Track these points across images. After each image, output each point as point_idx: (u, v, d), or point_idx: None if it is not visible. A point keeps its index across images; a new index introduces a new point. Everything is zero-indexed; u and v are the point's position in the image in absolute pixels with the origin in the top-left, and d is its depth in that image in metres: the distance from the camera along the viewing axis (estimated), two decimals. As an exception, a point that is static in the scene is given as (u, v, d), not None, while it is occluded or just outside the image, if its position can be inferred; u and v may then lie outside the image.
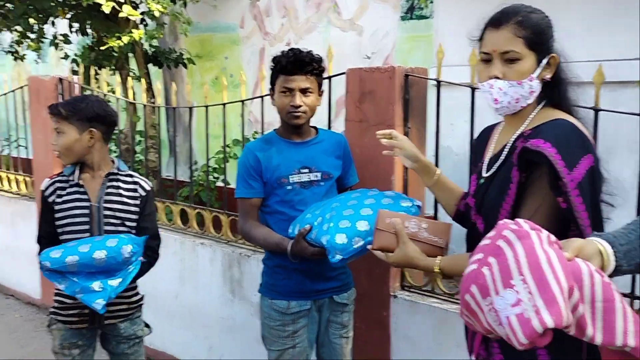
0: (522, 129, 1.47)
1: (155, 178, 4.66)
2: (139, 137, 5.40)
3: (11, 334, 4.09)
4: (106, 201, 2.22)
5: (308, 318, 2.20)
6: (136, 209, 2.26)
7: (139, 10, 4.68)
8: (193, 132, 3.81)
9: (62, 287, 2.11)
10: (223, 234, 3.29)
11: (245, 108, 3.14)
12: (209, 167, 3.84)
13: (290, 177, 2.15)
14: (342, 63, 2.94)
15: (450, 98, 2.65)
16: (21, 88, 4.63)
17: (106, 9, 4.22)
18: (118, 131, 4.28)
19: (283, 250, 2.05)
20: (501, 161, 1.49)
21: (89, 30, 5.00)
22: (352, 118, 2.55)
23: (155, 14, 4.45)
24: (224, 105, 3.22)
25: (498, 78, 1.43)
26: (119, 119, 2.44)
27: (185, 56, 5.44)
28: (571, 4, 3.75)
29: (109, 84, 4.33)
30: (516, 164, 1.40)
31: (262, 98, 2.98)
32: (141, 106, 4.57)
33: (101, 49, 4.73)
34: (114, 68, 5.01)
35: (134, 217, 2.25)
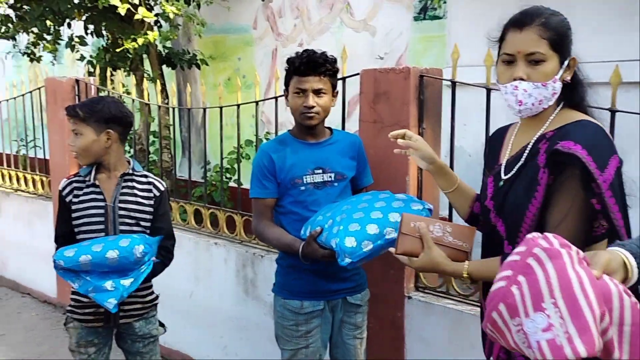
0: (542, 130, 1.47)
1: (169, 178, 4.68)
2: (152, 138, 5.44)
3: (27, 333, 4.13)
4: (121, 201, 2.24)
5: (321, 318, 2.20)
6: (150, 209, 2.28)
7: (153, 12, 4.72)
8: (206, 132, 3.82)
9: (75, 285, 2.14)
10: (237, 234, 3.30)
11: (258, 109, 3.16)
12: (222, 167, 3.86)
13: (304, 177, 2.15)
14: (354, 63, 2.94)
15: (462, 98, 2.64)
16: (38, 89, 4.69)
17: (122, 11, 4.26)
18: (132, 132, 4.31)
19: (295, 252, 2.06)
20: (522, 163, 1.48)
21: (104, 32, 5.05)
22: (366, 119, 2.55)
23: (170, 15, 4.49)
24: (238, 106, 3.24)
25: (522, 79, 1.43)
26: (134, 120, 2.47)
27: (198, 57, 5.47)
28: (571, 4, 3.71)
29: (124, 85, 4.37)
30: (545, 166, 1.40)
31: (275, 99, 2.99)
32: (155, 107, 4.61)
33: (116, 50, 4.78)
34: (129, 69, 5.05)
35: (149, 217, 2.27)
